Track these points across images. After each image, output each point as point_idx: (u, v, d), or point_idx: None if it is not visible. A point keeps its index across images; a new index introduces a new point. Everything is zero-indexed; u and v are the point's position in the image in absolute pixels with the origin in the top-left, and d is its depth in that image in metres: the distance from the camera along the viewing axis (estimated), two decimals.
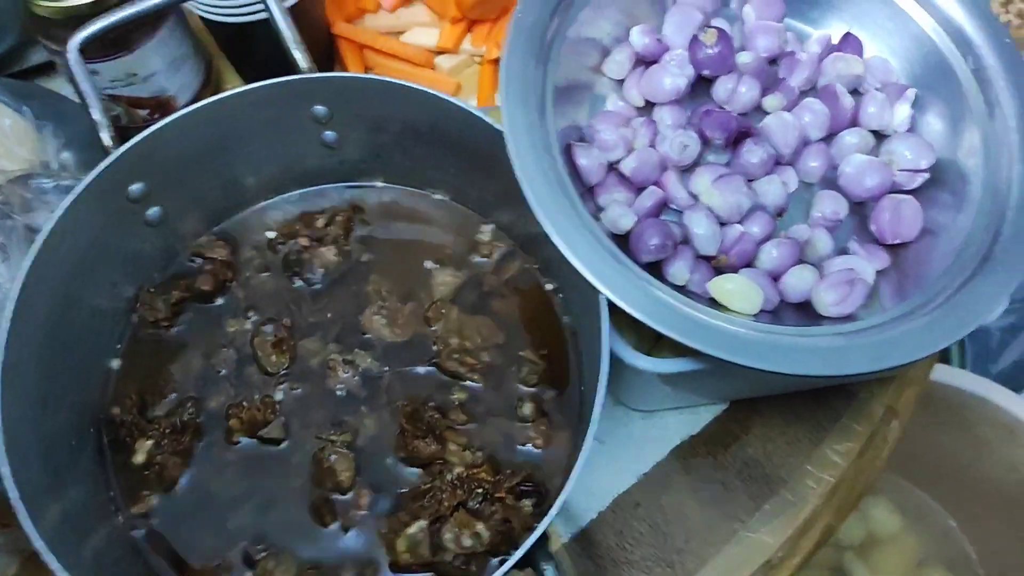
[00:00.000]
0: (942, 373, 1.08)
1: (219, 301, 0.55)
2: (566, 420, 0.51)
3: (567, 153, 0.50)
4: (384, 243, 0.56)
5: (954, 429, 1.09)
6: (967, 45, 0.52)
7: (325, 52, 0.68)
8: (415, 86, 0.50)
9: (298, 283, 0.55)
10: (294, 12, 0.58)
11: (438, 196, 0.58)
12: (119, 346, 0.53)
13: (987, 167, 0.50)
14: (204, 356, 0.53)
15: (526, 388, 0.52)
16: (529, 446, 0.50)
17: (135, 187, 0.51)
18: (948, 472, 1.13)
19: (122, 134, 0.52)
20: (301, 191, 0.58)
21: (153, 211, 0.53)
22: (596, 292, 0.44)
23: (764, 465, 0.55)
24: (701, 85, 0.54)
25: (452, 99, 0.50)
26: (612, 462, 0.55)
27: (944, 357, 1.27)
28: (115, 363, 0.53)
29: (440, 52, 0.67)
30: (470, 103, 0.65)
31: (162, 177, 0.52)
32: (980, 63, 0.52)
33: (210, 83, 0.66)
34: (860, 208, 0.52)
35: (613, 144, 0.51)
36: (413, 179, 0.57)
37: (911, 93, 0.53)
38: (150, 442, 0.50)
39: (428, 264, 0.55)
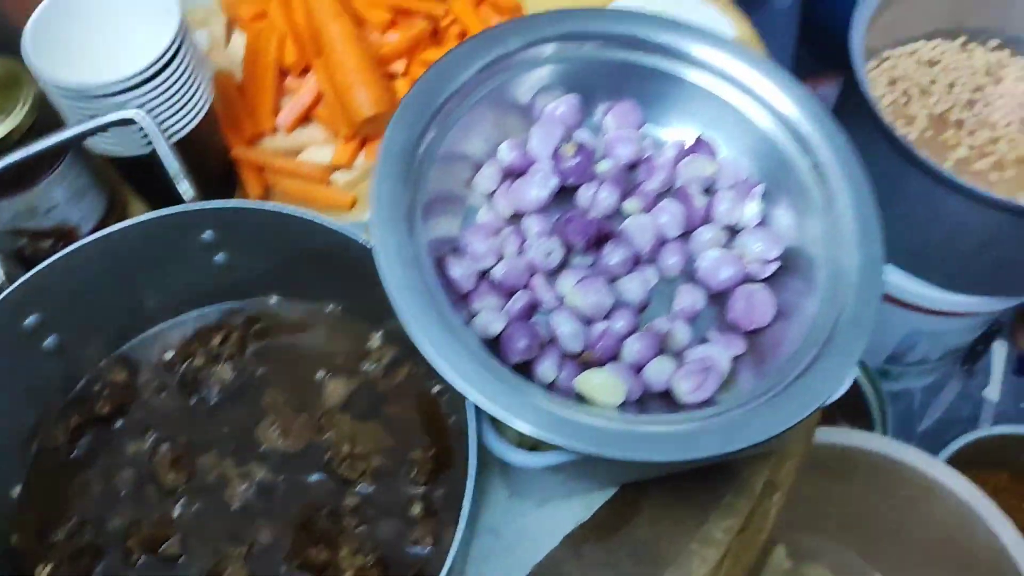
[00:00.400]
0: (862, 439, 1.12)
1: (119, 423, 0.57)
2: (455, 517, 0.53)
3: (440, 264, 0.54)
4: (278, 356, 0.59)
5: (879, 492, 1.12)
6: (805, 143, 0.57)
7: (226, 174, 0.71)
8: (292, 211, 0.53)
9: (195, 400, 0.58)
10: (191, 139, 0.62)
11: (330, 307, 0.61)
12: (19, 474, 0.55)
13: (829, 254, 0.55)
14: (104, 478, 0.55)
15: (416, 488, 0.55)
16: (419, 546, 0.53)
17: (30, 319, 0.54)
18: (878, 533, 1.15)
19: (27, 264, 0.54)
20: (198, 311, 0.61)
21: (51, 340, 0.56)
22: None
23: (652, 546, 0.58)
24: (569, 191, 0.59)
25: (326, 221, 0.53)
26: (508, 554, 0.58)
27: (866, 423, 1.31)
28: (15, 491, 0.55)
29: (336, 168, 0.71)
30: (363, 217, 0.69)
31: (59, 306, 0.55)
32: (817, 159, 0.57)
33: (115, 209, 0.69)
34: (719, 298, 0.56)
35: (483, 254, 0.54)
36: (305, 293, 0.60)
37: (759, 190, 0.58)
38: (49, 567, 0.52)
39: (320, 374, 0.58)
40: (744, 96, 0.59)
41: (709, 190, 0.59)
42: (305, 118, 0.72)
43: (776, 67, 0.59)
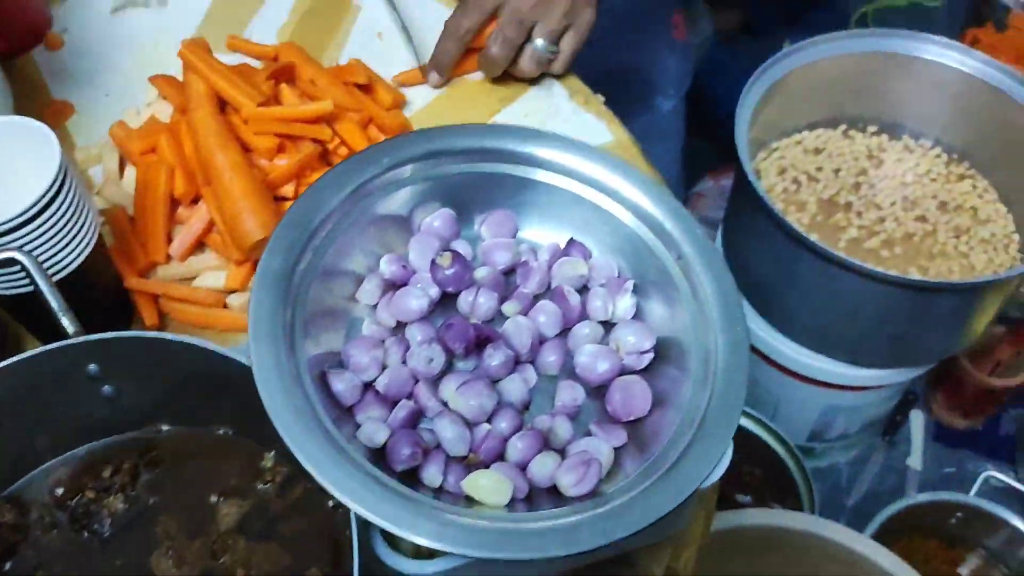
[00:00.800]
0: (786, 518, 1.13)
1: (7, 566, 0.56)
2: None
3: (324, 379, 0.55)
4: (171, 483, 0.59)
5: (806, 570, 1.13)
6: (668, 238, 0.60)
7: (122, 305, 0.72)
8: (172, 338, 0.54)
9: (87, 535, 0.57)
10: (80, 273, 0.63)
11: (221, 431, 0.61)
12: None
13: (698, 341, 0.57)
14: None
15: None
16: None
17: None
18: None
19: None
20: (89, 444, 0.60)
21: None
22: None
23: None
24: (452, 298, 0.61)
25: (208, 345, 0.54)
26: None
27: (795, 502, 1.33)
28: None
29: (231, 291, 0.72)
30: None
31: None
32: (680, 252, 0.60)
33: (6, 345, 0.69)
34: (599, 391, 0.58)
35: (366, 366, 0.56)
36: (196, 418, 0.61)
37: (629, 285, 0.61)
38: None
39: (214, 498, 0.58)
40: (610, 199, 0.62)
41: (584, 288, 0.62)
42: (198, 245, 0.74)
43: (636, 170, 0.62)
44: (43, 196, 0.59)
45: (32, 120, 0.63)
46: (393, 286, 0.60)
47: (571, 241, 0.63)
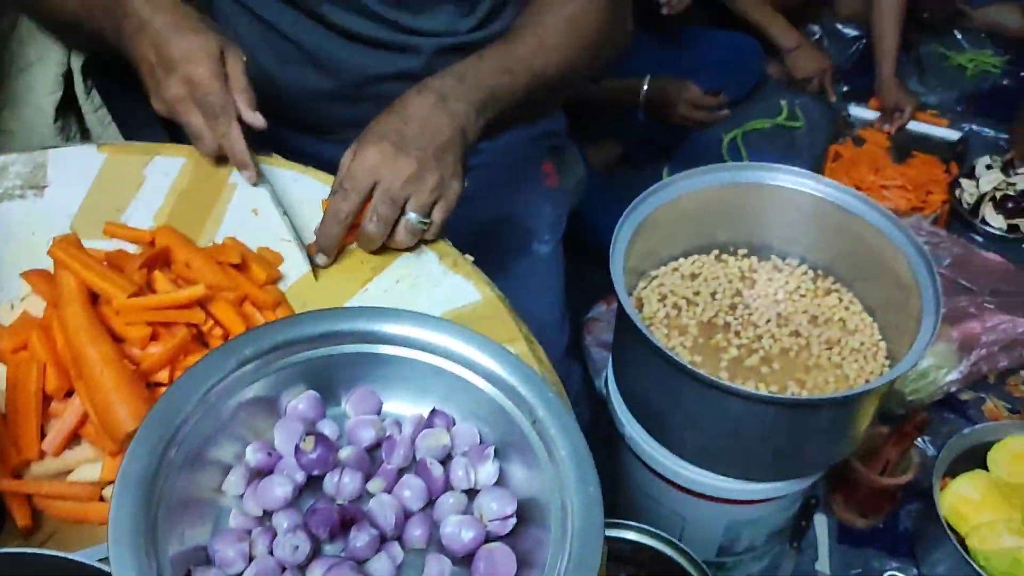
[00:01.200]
0: None
1: None
2: None
3: None
4: None
5: None
6: (524, 404, 0.64)
7: None
8: (28, 551, 0.55)
9: None
10: None
11: None
12: None
13: (556, 501, 0.60)
14: None
15: None
16: None
17: None
18: None
19: None
20: None
21: None
22: None
23: None
24: (318, 480, 0.62)
25: (68, 556, 0.55)
26: None
27: None
28: None
29: (108, 483, 0.72)
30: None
31: None
32: (535, 416, 0.63)
33: None
34: (467, 560, 0.60)
35: (232, 560, 0.57)
36: None
37: (490, 451, 0.63)
38: None
39: None
40: (465, 368, 0.65)
41: (448, 457, 0.64)
42: (74, 438, 0.74)
43: (487, 339, 0.66)
44: None
45: None
46: (259, 474, 0.62)
47: (434, 411, 0.66)
